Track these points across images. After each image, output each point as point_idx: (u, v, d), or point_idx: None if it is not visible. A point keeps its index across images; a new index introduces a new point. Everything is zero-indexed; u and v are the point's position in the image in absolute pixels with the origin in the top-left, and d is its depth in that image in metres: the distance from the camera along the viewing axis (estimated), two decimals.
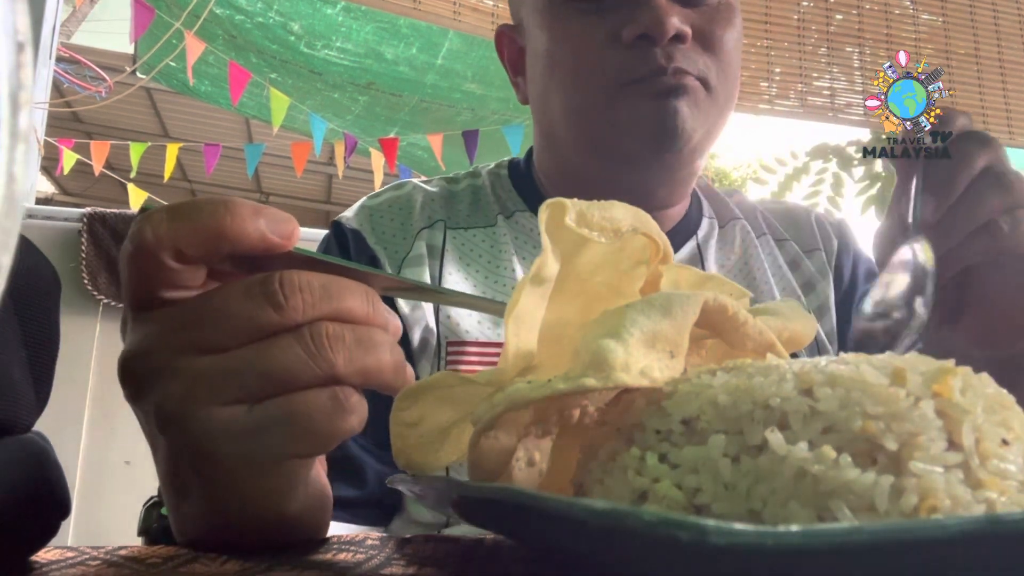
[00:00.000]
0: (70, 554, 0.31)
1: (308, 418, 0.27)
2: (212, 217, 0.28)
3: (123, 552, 0.32)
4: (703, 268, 0.68)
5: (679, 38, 0.60)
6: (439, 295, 0.35)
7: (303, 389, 0.28)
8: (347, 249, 0.67)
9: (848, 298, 0.73)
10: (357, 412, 0.29)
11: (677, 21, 0.59)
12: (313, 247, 0.72)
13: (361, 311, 0.29)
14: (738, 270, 0.71)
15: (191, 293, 0.29)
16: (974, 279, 0.49)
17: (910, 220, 0.46)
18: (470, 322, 0.62)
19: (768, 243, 0.74)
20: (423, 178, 0.76)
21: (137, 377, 0.29)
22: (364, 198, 0.72)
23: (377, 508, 0.62)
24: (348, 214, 0.70)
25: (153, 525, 0.37)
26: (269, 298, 0.28)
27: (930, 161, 0.47)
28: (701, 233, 0.72)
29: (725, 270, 0.70)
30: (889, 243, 0.49)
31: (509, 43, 0.74)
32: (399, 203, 0.70)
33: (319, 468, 0.35)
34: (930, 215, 0.46)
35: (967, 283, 0.50)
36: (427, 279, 0.64)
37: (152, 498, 0.39)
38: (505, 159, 0.78)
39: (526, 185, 0.73)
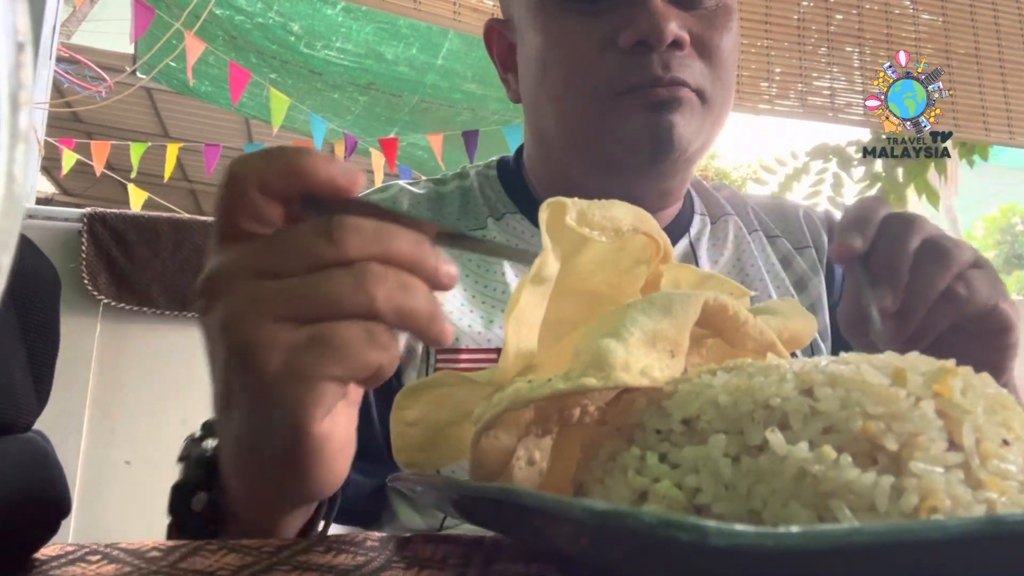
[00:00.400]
0: (70, 548, 0.31)
1: (343, 344, 0.30)
2: (293, 158, 0.33)
3: (123, 547, 0.32)
4: (696, 266, 0.68)
5: (677, 44, 0.58)
6: (482, 245, 0.37)
7: (345, 319, 0.31)
8: None
9: (838, 292, 0.72)
10: (388, 350, 0.31)
11: (675, 27, 0.58)
12: None
13: (408, 256, 0.32)
14: (731, 267, 0.70)
15: (268, 231, 0.33)
16: (946, 345, 0.50)
17: (873, 317, 0.47)
18: (461, 326, 0.61)
19: (760, 239, 0.73)
20: (409, 180, 0.75)
21: (209, 294, 0.33)
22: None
23: (354, 517, 0.62)
24: None
25: (186, 456, 0.41)
26: (326, 235, 0.31)
27: (867, 256, 0.48)
28: (693, 231, 0.71)
29: (718, 267, 0.69)
30: (857, 335, 0.51)
31: (499, 39, 0.71)
32: (386, 204, 0.68)
33: (351, 416, 0.36)
34: (890, 304, 0.47)
35: (941, 351, 0.50)
36: None
37: (193, 434, 0.42)
38: (494, 158, 0.76)
39: (517, 186, 0.71)
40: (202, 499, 0.40)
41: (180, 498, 0.41)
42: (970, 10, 2.42)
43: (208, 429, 0.43)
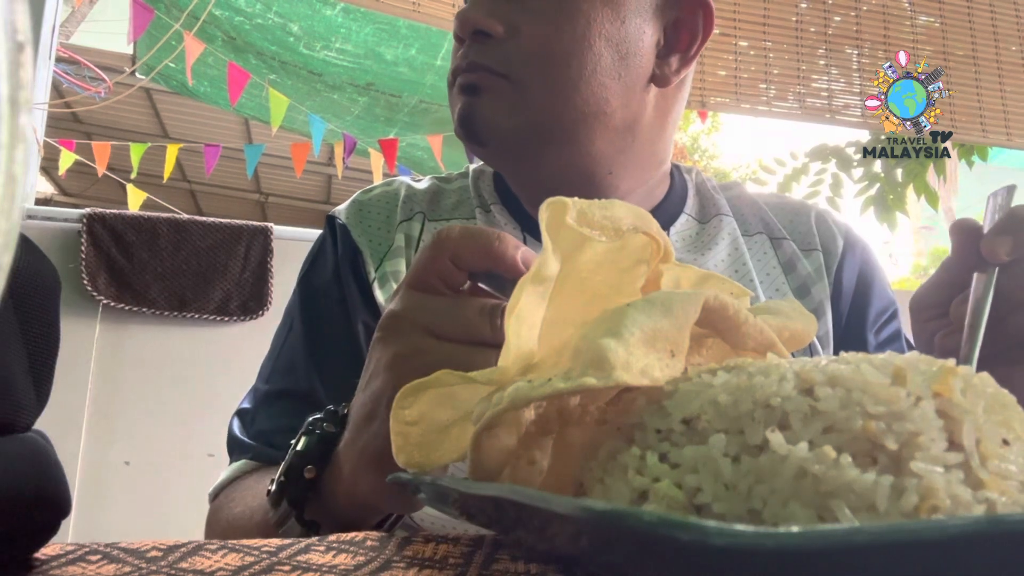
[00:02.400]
0: (70, 548, 0.31)
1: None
2: (488, 239, 0.38)
3: (123, 547, 0.32)
4: None
5: (483, 35, 0.62)
6: None
7: None
8: (336, 241, 0.70)
9: (848, 304, 0.72)
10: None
11: (479, 16, 0.62)
12: (311, 246, 0.74)
13: None
14: (720, 269, 0.69)
15: (449, 293, 0.39)
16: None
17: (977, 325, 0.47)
18: None
19: (762, 242, 0.72)
20: (415, 176, 0.77)
21: (387, 329, 0.39)
22: (358, 192, 0.75)
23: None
24: (341, 208, 0.73)
25: (310, 430, 0.47)
26: (489, 319, 0.36)
27: (1007, 266, 0.49)
28: (675, 228, 0.71)
29: (701, 268, 0.69)
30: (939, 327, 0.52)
31: None
32: (387, 198, 0.72)
33: None
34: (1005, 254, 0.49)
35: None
36: (404, 270, 0.66)
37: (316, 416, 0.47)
38: None
39: (503, 181, 0.74)
40: (312, 470, 0.45)
41: (298, 462, 0.45)
42: (968, 12, 2.43)
43: (329, 414, 0.47)
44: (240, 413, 0.67)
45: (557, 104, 0.63)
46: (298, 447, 0.46)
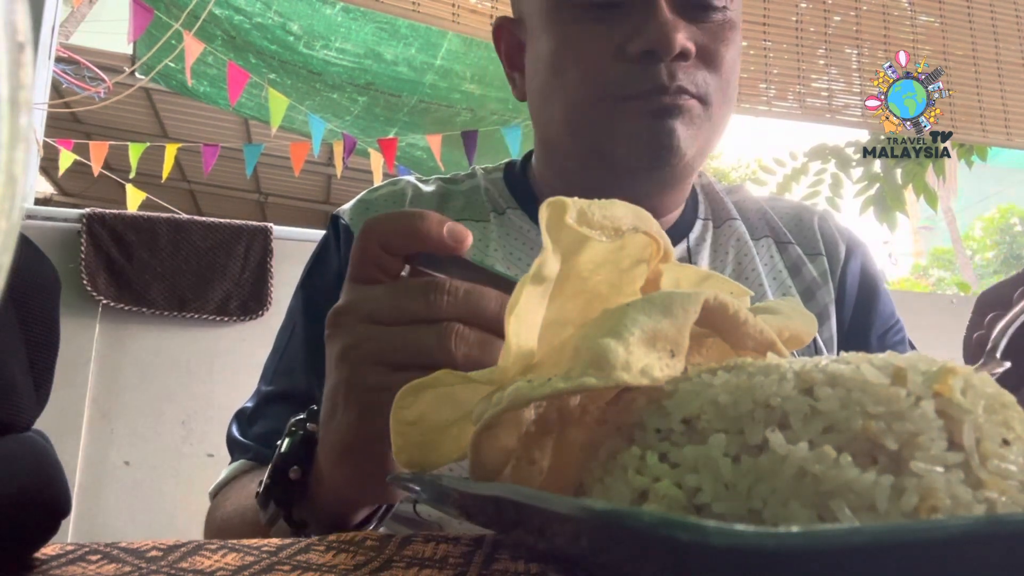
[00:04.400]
0: (70, 548, 0.31)
1: None
2: (410, 220, 0.38)
3: (123, 547, 0.32)
4: None
5: (683, 55, 0.60)
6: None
7: (430, 369, 0.35)
8: (339, 241, 0.70)
9: (852, 309, 0.72)
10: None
11: (683, 38, 0.59)
12: (311, 246, 0.74)
13: (492, 316, 0.37)
14: (729, 273, 0.70)
15: (389, 280, 0.40)
16: None
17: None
18: None
19: (768, 246, 0.73)
20: (420, 176, 0.77)
21: (333, 326, 0.40)
22: (364, 191, 0.75)
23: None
24: (346, 207, 0.73)
25: (293, 431, 0.49)
26: (423, 295, 0.37)
27: None
28: (693, 235, 0.72)
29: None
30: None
31: (508, 36, 0.73)
32: (393, 197, 0.72)
33: None
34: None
35: None
36: None
37: (300, 416, 0.49)
38: (503, 162, 0.78)
39: (520, 185, 0.74)
40: (297, 471, 0.46)
41: (281, 464, 0.46)
42: (967, 12, 2.43)
43: (312, 414, 0.48)
44: (240, 414, 0.67)
45: (720, 131, 0.64)
46: (282, 449, 0.47)
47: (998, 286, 0.56)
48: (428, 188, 0.73)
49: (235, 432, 0.66)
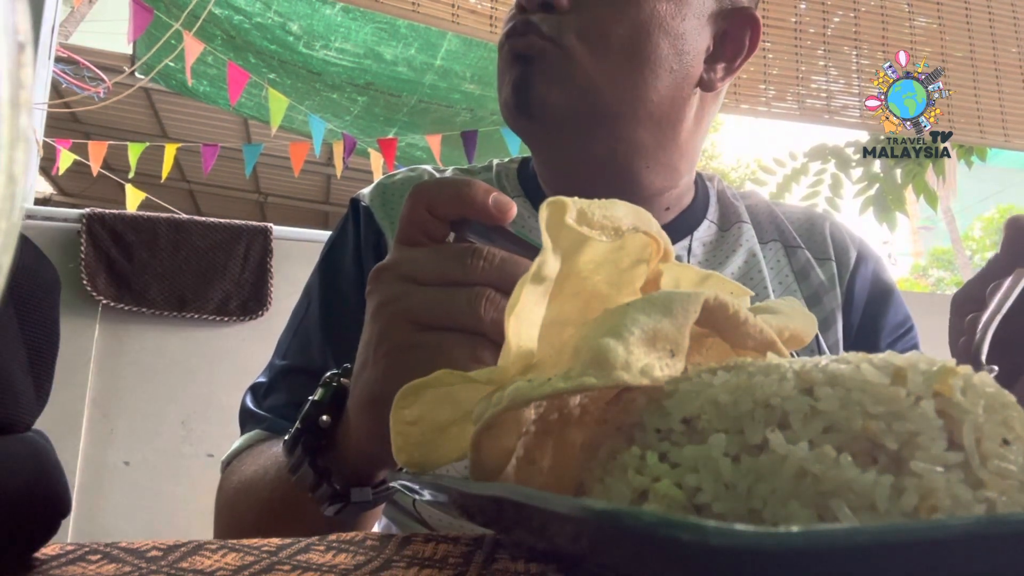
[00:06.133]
0: (70, 548, 0.31)
1: (449, 352, 0.37)
2: (457, 185, 0.39)
3: (123, 547, 0.32)
4: None
5: (545, 6, 0.62)
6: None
7: (458, 331, 0.37)
8: (359, 224, 0.71)
9: (859, 315, 0.72)
10: (484, 362, 0.37)
11: None
12: (311, 246, 0.74)
13: None
14: (736, 276, 0.70)
15: (434, 244, 0.40)
16: None
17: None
18: None
19: (777, 250, 0.73)
20: (436, 167, 0.78)
21: (373, 282, 0.41)
22: (383, 176, 0.77)
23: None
24: (365, 191, 0.75)
25: (327, 383, 0.50)
26: (460, 260, 0.38)
27: None
28: (697, 234, 0.72)
29: (721, 273, 0.70)
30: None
31: None
32: (411, 183, 0.73)
33: None
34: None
35: None
36: None
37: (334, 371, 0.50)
38: (521, 156, 0.80)
39: (528, 177, 0.75)
40: (326, 421, 0.47)
41: (313, 412, 0.47)
42: (966, 14, 2.43)
43: (347, 370, 0.49)
44: (255, 387, 0.68)
45: (607, 83, 0.63)
46: (315, 398, 0.48)
47: (968, 285, 0.55)
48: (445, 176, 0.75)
49: (249, 403, 0.66)
